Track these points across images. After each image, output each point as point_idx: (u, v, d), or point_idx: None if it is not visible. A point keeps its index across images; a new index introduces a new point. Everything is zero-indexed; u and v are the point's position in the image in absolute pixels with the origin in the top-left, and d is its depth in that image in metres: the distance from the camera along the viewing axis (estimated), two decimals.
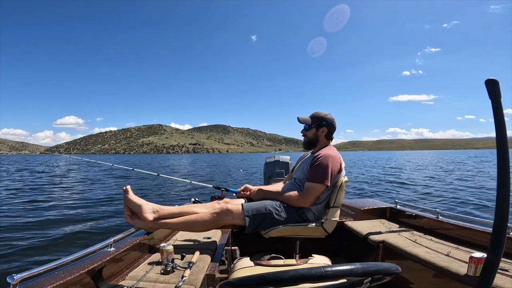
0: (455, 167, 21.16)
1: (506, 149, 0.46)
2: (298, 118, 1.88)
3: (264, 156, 5.54)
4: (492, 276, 0.48)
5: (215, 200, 1.81)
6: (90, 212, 6.18)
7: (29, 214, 5.91)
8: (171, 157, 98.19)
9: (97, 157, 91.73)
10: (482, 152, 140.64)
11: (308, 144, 1.89)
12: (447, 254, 1.53)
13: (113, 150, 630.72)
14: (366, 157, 50.05)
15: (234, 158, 75.55)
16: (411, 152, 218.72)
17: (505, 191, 0.46)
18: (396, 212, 2.31)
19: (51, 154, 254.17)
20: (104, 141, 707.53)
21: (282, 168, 2.81)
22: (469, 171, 16.50)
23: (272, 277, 0.52)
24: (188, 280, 1.23)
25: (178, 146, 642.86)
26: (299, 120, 1.88)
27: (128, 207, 1.62)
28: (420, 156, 67.19)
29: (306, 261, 1.36)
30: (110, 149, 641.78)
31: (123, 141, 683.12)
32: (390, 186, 10.55)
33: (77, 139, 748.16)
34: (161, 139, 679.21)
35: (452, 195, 8.02)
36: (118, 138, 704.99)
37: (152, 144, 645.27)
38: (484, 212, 5.75)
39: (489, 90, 0.47)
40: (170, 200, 7.90)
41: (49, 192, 9.55)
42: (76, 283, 1.04)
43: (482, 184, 10.32)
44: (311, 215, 1.72)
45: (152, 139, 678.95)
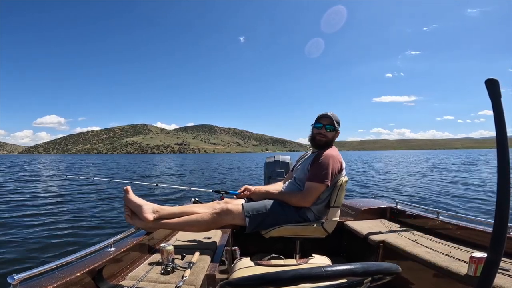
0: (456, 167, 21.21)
1: (506, 149, 0.46)
2: (331, 116, 1.76)
3: (250, 156, 5.54)
4: (492, 276, 0.48)
5: (215, 200, 1.81)
6: (90, 212, 6.18)
7: (29, 214, 5.92)
8: (156, 157, 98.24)
9: (78, 158, 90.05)
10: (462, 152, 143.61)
11: (324, 144, 1.80)
12: (447, 254, 1.53)
13: (95, 150, 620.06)
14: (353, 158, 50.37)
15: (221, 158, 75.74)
16: (394, 152, 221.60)
17: (505, 191, 0.46)
18: (396, 212, 2.31)
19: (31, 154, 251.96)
20: (86, 141, 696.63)
21: (282, 168, 2.81)
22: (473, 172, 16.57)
23: (272, 277, 0.52)
24: (188, 280, 1.23)
25: (163, 146, 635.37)
26: (332, 118, 1.77)
27: (128, 207, 1.62)
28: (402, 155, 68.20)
29: (306, 261, 1.36)
30: (92, 149, 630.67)
31: (106, 141, 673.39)
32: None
33: (57, 138, 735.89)
34: (145, 139, 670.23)
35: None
36: (101, 138, 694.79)
37: (136, 144, 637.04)
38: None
39: (489, 90, 0.47)
40: (170, 200, 7.90)
41: (47, 192, 9.56)
42: (76, 283, 1.04)
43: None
44: (311, 215, 1.72)
45: (136, 139, 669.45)
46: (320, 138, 1.80)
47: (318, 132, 1.80)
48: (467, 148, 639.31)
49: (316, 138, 1.81)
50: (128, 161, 52.22)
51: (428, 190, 9.18)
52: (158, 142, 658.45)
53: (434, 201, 7.33)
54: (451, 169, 18.66)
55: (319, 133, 1.80)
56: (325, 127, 1.78)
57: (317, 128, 1.81)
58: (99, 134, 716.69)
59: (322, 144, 1.80)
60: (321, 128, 1.79)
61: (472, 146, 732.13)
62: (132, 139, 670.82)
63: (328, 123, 1.78)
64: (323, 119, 1.80)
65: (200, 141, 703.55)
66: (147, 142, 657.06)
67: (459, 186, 9.86)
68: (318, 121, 1.82)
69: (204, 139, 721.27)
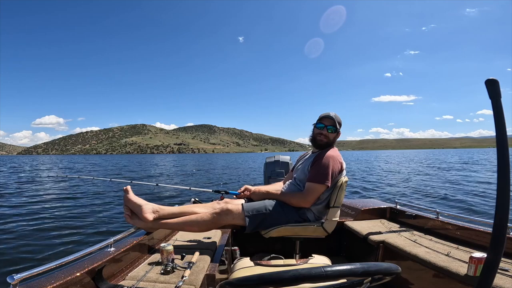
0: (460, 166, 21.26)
1: (506, 149, 0.46)
2: (333, 117, 1.75)
3: (250, 156, 5.55)
4: (492, 276, 0.48)
5: (215, 200, 1.81)
6: (90, 212, 6.18)
7: (28, 214, 5.92)
8: (156, 157, 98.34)
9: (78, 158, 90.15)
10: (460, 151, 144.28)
11: (325, 145, 1.79)
12: (447, 254, 1.53)
13: (94, 151, 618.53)
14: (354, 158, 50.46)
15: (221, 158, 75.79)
16: (393, 151, 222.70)
17: (505, 191, 0.46)
18: (396, 212, 2.31)
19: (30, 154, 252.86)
20: (85, 141, 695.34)
21: (282, 168, 2.81)
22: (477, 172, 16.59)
23: (272, 277, 0.52)
24: (188, 280, 1.23)
25: (163, 146, 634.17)
26: (334, 119, 1.76)
27: (128, 207, 1.62)
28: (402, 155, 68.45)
29: (306, 261, 1.36)
30: (91, 150, 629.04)
31: (105, 141, 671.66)
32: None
33: (56, 139, 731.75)
34: (145, 139, 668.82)
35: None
36: (100, 138, 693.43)
37: (135, 144, 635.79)
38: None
39: (489, 90, 0.47)
40: (170, 200, 7.90)
41: (47, 192, 9.56)
42: (76, 283, 1.04)
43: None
44: (311, 215, 1.72)
45: (135, 139, 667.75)
46: (321, 138, 1.79)
47: (320, 133, 1.79)
48: (466, 147, 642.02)
49: (317, 139, 1.80)
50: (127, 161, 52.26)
51: (428, 190, 9.18)
52: (157, 142, 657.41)
53: (434, 201, 7.33)
54: (452, 168, 18.71)
55: (321, 134, 1.79)
56: (327, 128, 1.77)
57: (319, 128, 1.80)
58: (98, 134, 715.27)
59: (323, 144, 1.79)
60: (322, 128, 1.78)
61: (471, 146, 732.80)
62: (131, 139, 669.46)
63: (330, 124, 1.77)
64: (325, 120, 1.78)
65: (199, 141, 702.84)
66: (146, 142, 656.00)
67: (459, 186, 9.86)
68: (320, 121, 1.80)
69: (203, 139, 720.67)
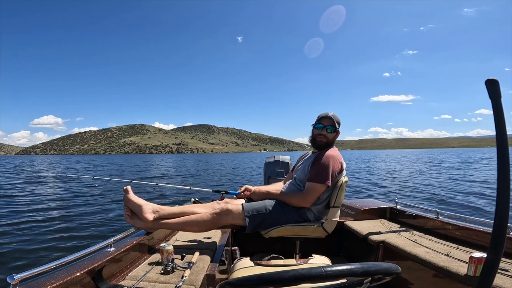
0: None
1: (506, 149, 0.46)
2: (332, 117, 1.75)
3: (249, 155, 5.55)
4: (492, 276, 0.48)
5: (215, 200, 1.81)
6: (89, 212, 6.18)
7: (28, 214, 5.92)
8: (155, 157, 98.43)
9: (76, 158, 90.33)
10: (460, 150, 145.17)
11: (324, 145, 1.79)
12: (447, 254, 1.53)
13: (92, 151, 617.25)
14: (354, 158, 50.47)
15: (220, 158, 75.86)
16: (392, 151, 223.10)
17: (505, 191, 0.46)
18: (396, 212, 2.31)
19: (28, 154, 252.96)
20: (83, 141, 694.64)
21: (282, 168, 2.81)
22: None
23: (272, 277, 0.52)
24: (188, 280, 1.23)
25: (162, 146, 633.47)
26: (333, 119, 1.75)
27: (128, 207, 1.62)
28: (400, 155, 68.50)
29: (306, 261, 1.36)
30: (89, 150, 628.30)
31: (103, 141, 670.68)
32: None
33: (54, 139, 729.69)
34: (143, 139, 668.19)
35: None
36: (98, 138, 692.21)
37: (134, 144, 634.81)
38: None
39: (489, 90, 0.47)
40: (170, 200, 7.90)
41: (47, 192, 9.56)
42: (76, 283, 1.04)
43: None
44: (311, 215, 1.72)
45: (134, 139, 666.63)
46: (321, 139, 1.79)
47: (319, 133, 1.79)
48: (465, 147, 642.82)
49: (316, 139, 1.81)
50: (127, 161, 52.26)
51: (428, 190, 9.18)
52: (156, 142, 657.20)
53: (434, 201, 7.33)
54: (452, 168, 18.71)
55: (320, 134, 1.79)
56: (326, 128, 1.77)
57: (318, 129, 1.80)
58: (97, 134, 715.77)
59: (323, 145, 1.80)
60: (322, 129, 1.78)
61: (470, 145, 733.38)
62: (130, 139, 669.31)
63: (329, 124, 1.77)
64: (324, 120, 1.78)
65: (198, 141, 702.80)
66: (145, 142, 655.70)
67: (459, 186, 9.86)
68: (319, 121, 1.80)
69: (202, 139, 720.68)
